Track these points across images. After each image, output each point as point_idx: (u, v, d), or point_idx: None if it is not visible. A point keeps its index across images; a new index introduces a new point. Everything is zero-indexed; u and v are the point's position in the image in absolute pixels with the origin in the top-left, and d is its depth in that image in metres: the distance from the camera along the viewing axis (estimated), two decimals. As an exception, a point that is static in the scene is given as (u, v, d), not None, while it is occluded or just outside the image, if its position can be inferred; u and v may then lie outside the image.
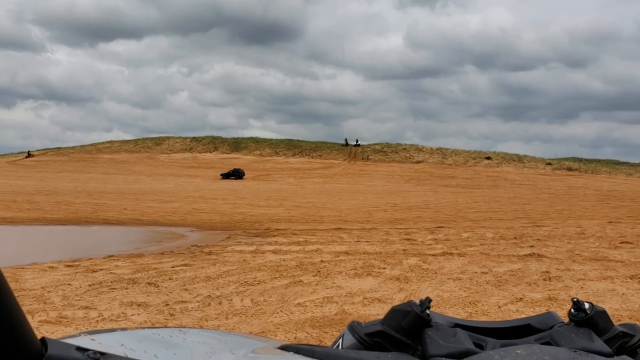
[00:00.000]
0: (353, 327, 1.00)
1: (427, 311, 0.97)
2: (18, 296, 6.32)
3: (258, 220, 23.41)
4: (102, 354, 0.57)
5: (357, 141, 77.33)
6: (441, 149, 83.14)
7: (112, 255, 12.06)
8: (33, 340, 0.51)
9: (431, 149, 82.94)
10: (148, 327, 1.01)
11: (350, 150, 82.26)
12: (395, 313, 0.98)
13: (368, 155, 78.35)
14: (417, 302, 0.98)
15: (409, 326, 0.96)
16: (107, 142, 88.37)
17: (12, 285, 7.07)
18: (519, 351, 0.81)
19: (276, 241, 14.06)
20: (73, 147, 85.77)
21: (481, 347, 0.96)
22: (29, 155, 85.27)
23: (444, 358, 0.88)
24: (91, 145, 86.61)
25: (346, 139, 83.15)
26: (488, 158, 76.80)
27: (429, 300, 0.98)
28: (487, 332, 1.04)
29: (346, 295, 6.93)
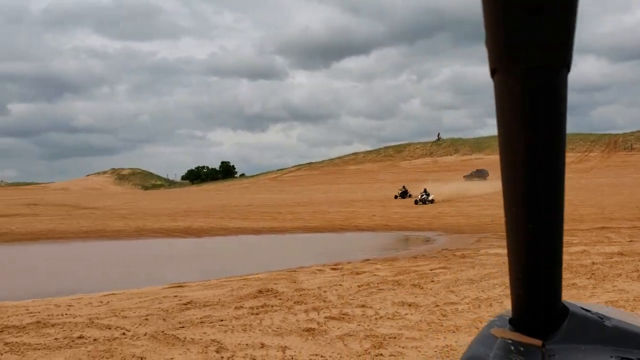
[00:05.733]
0: None
1: None
2: (300, 295, 7.03)
3: (508, 222, 22.30)
4: (603, 316, 0.62)
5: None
6: None
7: (368, 259, 12.63)
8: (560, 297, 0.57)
9: None
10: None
11: (609, 140, 73.73)
12: None
13: (632, 145, 69.24)
14: None
15: None
16: (352, 154, 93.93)
17: (292, 285, 7.88)
18: None
19: (533, 243, 13.21)
20: (322, 162, 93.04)
21: None
22: (439, 138, 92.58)
23: None
24: (338, 158, 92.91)
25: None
26: None
27: None
28: None
29: (634, 300, 6.14)
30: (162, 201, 49.69)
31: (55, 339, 5.12)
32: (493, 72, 0.47)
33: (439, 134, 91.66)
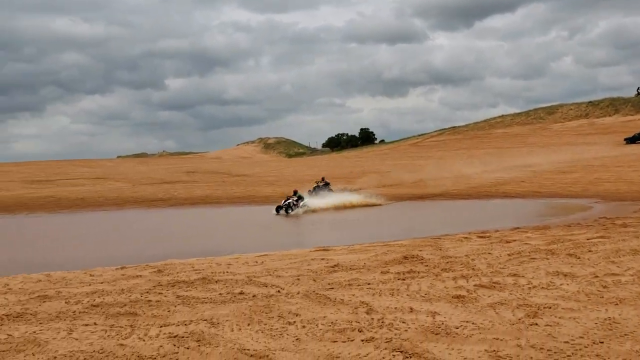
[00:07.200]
0: None
1: None
2: (447, 262, 6.95)
3: (680, 188, 20.13)
4: None
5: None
6: None
7: (518, 227, 12.08)
8: None
9: None
10: None
11: None
12: None
13: None
14: None
15: None
16: (499, 117, 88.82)
17: (438, 253, 7.81)
18: None
19: None
20: (467, 125, 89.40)
21: None
22: (639, 93, 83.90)
23: None
24: (484, 121, 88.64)
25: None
26: None
27: None
28: None
29: None
30: (305, 168, 51.46)
31: (220, 294, 5.62)
32: None
33: (638, 89, 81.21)
